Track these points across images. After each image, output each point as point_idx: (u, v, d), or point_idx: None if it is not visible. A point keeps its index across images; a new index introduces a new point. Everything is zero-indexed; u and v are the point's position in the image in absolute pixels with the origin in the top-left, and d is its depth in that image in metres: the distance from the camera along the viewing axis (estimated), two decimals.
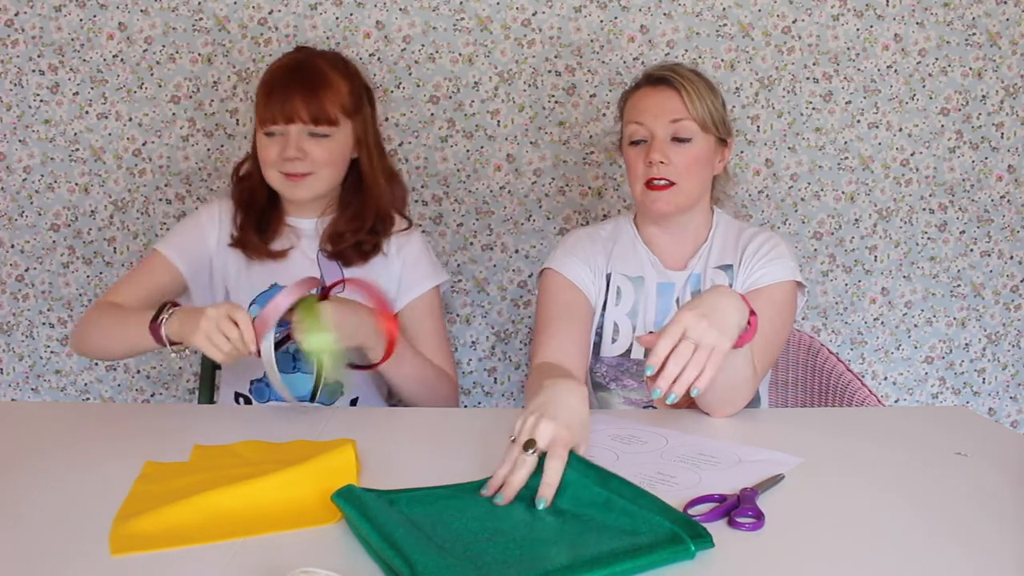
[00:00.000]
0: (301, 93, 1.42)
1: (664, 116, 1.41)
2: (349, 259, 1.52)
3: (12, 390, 2.17)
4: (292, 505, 0.91)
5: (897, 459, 1.09)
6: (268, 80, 1.47)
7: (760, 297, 1.38)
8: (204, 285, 1.54)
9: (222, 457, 1.08)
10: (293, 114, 1.42)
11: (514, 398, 2.22)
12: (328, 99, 1.44)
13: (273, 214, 1.54)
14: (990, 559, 0.82)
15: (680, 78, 1.42)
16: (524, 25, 2.06)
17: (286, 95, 1.42)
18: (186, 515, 0.88)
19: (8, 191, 2.09)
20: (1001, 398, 2.25)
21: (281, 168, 1.45)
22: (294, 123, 1.43)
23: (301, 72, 1.46)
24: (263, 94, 1.45)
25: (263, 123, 1.45)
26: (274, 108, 1.43)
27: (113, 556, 0.81)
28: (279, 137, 1.45)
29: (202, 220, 1.55)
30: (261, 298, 1.49)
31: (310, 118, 1.43)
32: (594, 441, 1.15)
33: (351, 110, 1.48)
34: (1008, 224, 2.18)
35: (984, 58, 2.10)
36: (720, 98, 1.46)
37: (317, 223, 1.54)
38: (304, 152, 1.43)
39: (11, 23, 2.03)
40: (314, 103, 1.43)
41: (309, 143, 1.44)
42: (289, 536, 0.86)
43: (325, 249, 1.52)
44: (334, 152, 1.47)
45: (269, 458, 1.07)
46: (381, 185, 1.54)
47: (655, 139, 1.41)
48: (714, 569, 0.81)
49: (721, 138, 1.46)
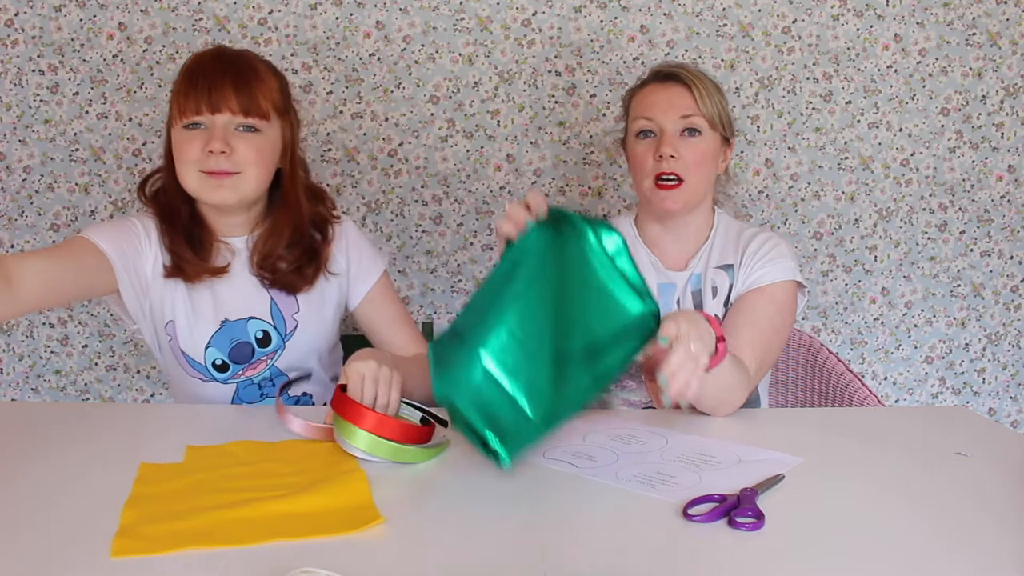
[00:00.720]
0: (232, 81, 1.29)
1: (674, 111, 1.41)
2: (295, 287, 1.40)
3: (12, 390, 2.17)
4: (304, 523, 0.89)
5: (897, 459, 1.09)
6: (191, 68, 1.31)
7: (761, 297, 1.38)
8: (137, 295, 1.37)
9: (216, 457, 1.08)
10: (221, 103, 1.27)
11: None
12: (260, 91, 1.31)
13: (202, 232, 1.38)
14: (990, 559, 0.82)
15: (690, 75, 1.43)
16: (524, 25, 2.06)
17: (213, 82, 1.28)
18: (192, 523, 0.88)
19: (8, 191, 2.09)
20: (1001, 398, 2.25)
21: (203, 166, 1.28)
22: (221, 113, 1.28)
23: (230, 61, 1.32)
24: (184, 82, 1.30)
25: (184, 114, 1.28)
26: (199, 96, 1.27)
27: (112, 558, 0.81)
28: (202, 131, 1.29)
29: (139, 232, 1.37)
30: (216, 338, 1.37)
31: (240, 108, 1.28)
32: (594, 441, 1.15)
33: (281, 109, 1.35)
34: (1008, 224, 2.18)
35: (984, 58, 2.10)
36: (725, 98, 1.47)
37: (248, 240, 1.40)
38: (230, 147, 1.28)
39: (11, 23, 2.03)
40: (245, 93, 1.29)
41: (236, 138, 1.29)
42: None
43: (264, 277, 1.39)
44: (263, 150, 1.32)
45: (263, 457, 1.07)
46: (301, 200, 1.40)
47: (665, 133, 1.41)
48: (714, 569, 0.81)
49: (725, 137, 1.46)
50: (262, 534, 0.85)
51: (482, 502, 0.97)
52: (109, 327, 2.15)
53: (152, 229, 1.38)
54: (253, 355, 1.39)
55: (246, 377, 1.40)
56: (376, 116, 2.09)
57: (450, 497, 0.98)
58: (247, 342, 1.39)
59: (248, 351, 1.39)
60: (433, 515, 0.93)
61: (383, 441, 1.05)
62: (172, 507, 0.92)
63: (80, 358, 2.16)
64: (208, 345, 1.37)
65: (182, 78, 1.31)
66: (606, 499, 0.96)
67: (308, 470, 1.03)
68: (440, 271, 2.16)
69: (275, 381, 1.41)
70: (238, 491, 0.96)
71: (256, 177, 1.32)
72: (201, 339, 1.37)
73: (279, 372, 1.42)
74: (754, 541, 0.86)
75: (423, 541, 0.86)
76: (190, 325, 1.37)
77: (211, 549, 0.82)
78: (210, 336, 1.37)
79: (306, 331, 1.42)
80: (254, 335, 1.39)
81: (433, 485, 1.01)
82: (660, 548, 0.84)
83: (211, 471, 1.03)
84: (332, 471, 1.02)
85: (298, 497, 0.93)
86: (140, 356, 2.17)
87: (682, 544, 0.85)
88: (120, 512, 0.91)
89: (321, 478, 0.99)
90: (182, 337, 1.37)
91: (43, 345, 2.15)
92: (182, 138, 1.30)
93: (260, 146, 1.31)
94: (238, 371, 1.39)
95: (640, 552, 0.83)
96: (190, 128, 1.29)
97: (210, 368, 1.38)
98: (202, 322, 1.37)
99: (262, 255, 1.38)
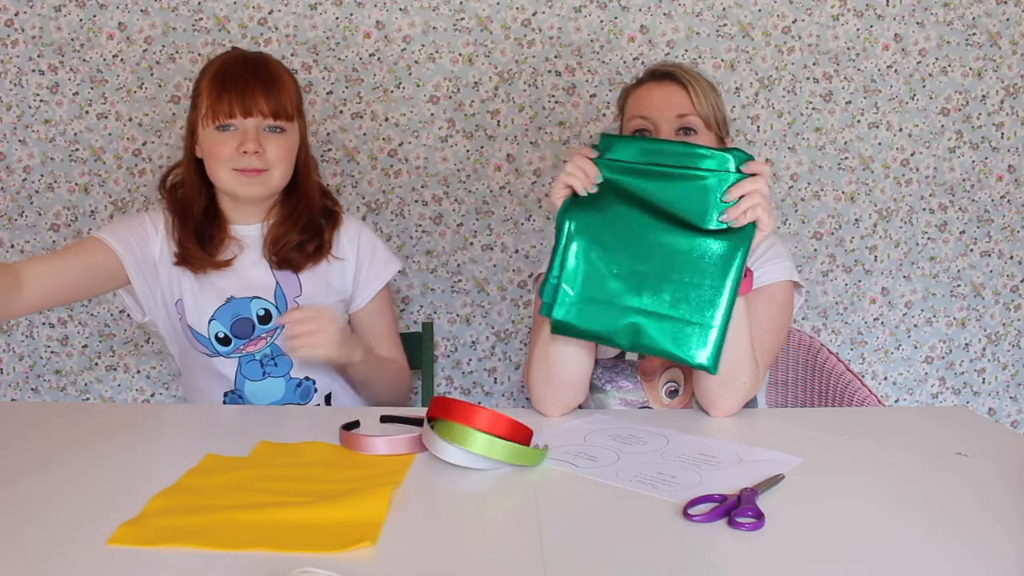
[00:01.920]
0: (261, 86, 1.40)
1: (670, 110, 1.41)
2: (297, 264, 1.50)
3: (12, 390, 2.17)
4: (301, 535, 0.88)
5: (897, 459, 1.09)
6: (221, 73, 1.42)
7: (759, 297, 1.38)
8: (148, 282, 1.47)
9: (278, 456, 1.09)
10: (253, 107, 1.39)
11: (514, 398, 2.22)
12: (284, 95, 1.43)
13: (214, 224, 1.49)
14: (990, 559, 0.82)
15: (686, 74, 1.43)
16: (524, 25, 2.06)
17: (245, 88, 1.39)
18: (198, 520, 0.88)
19: (8, 191, 2.09)
20: (1001, 398, 2.25)
21: (236, 164, 1.41)
22: (253, 116, 1.40)
23: (256, 66, 1.43)
24: (217, 87, 1.40)
25: (217, 117, 1.40)
26: (232, 101, 1.39)
27: (108, 544, 0.83)
28: (234, 132, 1.41)
29: (146, 224, 1.48)
30: (220, 312, 1.47)
31: (270, 111, 1.41)
32: (595, 441, 1.15)
33: (299, 110, 1.48)
34: (1008, 224, 2.18)
35: (984, 58, 2.11)
36: (720, 98, 1.47)
37: (262, 227, 1.51)
38: (261, 147, 1.41)
39: (11, 23, 2.03)
40: (274, 97, 1.41)
41: (265, 138, 1.42)
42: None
43: (271, 259, 1.49)
44: (288, 149, 1.45)
45: (321, 460, 1.08)
46: (314, 191, 1.52)
47: (660, 132, 1.41)
48: (714, 569, 0.81)
49: (721, 137, 1.46)
50: (255, 541, 0.84)
51: (482, 502, 0.97)
52: (109, 327, 2.15)
53: (160, 222, 1.49)
54: (254, 331, 1.48)
55: (247, 352, 1.48)
56: (376, 116, 2.09)
57: (451, 497, 0.98)
58: (248, 318, 1.48)
59: (249, 327, 1.48)
60: (433, 515, 0.93)
61: (500, 441, 1.01)
62: (196, 501, 0.93)
63: (80, 358, 2.16)
64: (212, 318, 1.47)
65: (213, 82, 1.41)
66: (607, 499, 0.96)
67: (349, 479, 1.01)
68: (440, 271, 2.16)
69: (276, 360, 1.49)
70: (263, 492, 0.96)
71: (283, 173, 1.45)
72: (206, 313, 1.47)
73: (280, 351, 1.49)
74: (754, 541, 0.86)
75: (423, 541, 0.86)
76: (196, 301, 1.47)
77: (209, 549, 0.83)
78: (214, 310, 1.47)
79: None
80: (256, 312, 1.48)
81: (433, 485, 1.01)
82: (660, 548, 0.84)
83: (260, 469, 1.04)
84: (369, 483, 0.99)
85: (313, 506, 0.92)
86: (140, 356, 2.17)
87: (682, 544, 0.85)
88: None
89: (351, 488, 0.97)
90: (189, 313, 1.47)
91: (43, 345, 2.15)
92: (215, 139, 1.41)
93: (286, 144, 1.44)
94: (240, 345, 1.48)
95: (641, 552, 0.83)
96: (222, 130, 1.40)
97: (213, 341, 1.47)
98: (208, 297, 1.47)
99: (275, 238, 1.48)
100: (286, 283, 1.50)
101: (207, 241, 1.47)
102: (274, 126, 1.42)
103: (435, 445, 1.05)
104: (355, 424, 1.19)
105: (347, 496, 0.94)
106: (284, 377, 1.50)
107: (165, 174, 1.51)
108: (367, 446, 1.10)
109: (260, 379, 1.49)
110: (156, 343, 2.16)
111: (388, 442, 1.10)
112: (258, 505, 0.92)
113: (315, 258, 1.51)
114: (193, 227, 1.46)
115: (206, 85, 1.42)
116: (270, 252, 1.49)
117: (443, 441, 1.03)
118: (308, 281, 1.51)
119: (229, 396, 1.50)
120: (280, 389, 1.50)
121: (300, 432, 1.19)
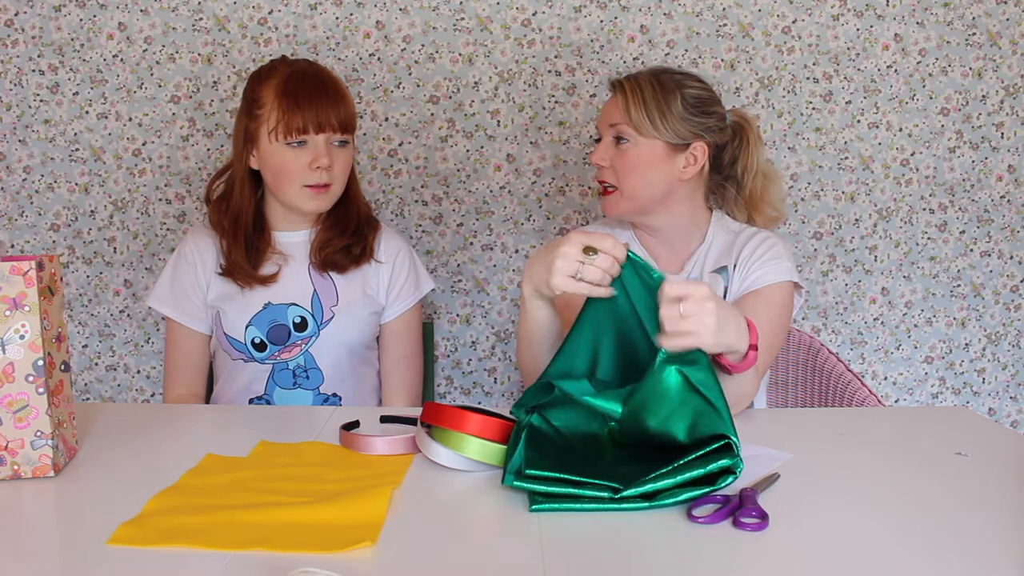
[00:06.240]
0: (331, 102, 1.40)
1: (606, 120, 1.44)
2: (341, 266, 1.51)
3: None
4: (301, 535, 0.87)
5: (897, 459, 1.09)
6: (290, 89, 1.40)
7: (758, 298, 1.38)
8: (208, 316, 1.53)
9: (278, 456, 1.09)
10: (325, 123, 1.39)
11: (514, 398, 2.22)
12: (350, 107, 1.45)
13: (260, 240, 1.50)
14: (990, 559, 0.82)
15: (626, 82, 1.42)
16: (524, 25, 2.06)
17: (317, 103, 1.39)
18: (198, 520, 0.88)
19: (8, 191, 2.09)
20: (1001, 398, 2.26)
21: (307, 180, 1.41)
22: (324, 132, 1.40)
23: (323, 80, 1.43)
24: (288, 101, 1.39)
25: (291, 132, 1.39)
26: (306, 117, 1.38)
27: (108, 544, 0.82)
28: (307, 148, 1.41)
29: (190, 260, 1.51)
30: (257, 318, 1.48)
31: (340, 126, 1.41)
32: None
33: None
34: (1008, 224, 2.19)
35: (984, 58, 2.11)
36: (678, 102, 1.40)
37: (310, 233, 1.53)
38: (332, 162, 1.42)
39: (11, 23, 2.03)
40: (343, 111, 1.42)
41: (333, 152, 1.43)
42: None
43: (316, 263, 1.50)
44: (350, 160, 1.47)
45: (322, 460, 1.08)
46: (360, 194, 1.55)
47: (600, 142, 1.45)
48: (723, 570, 0.81)
49: (684, 143, 1.41)
50: (255, 541, 0.84)
51: (482, 502, 0.97)
52: (109, 327, 2.15)
53: (203, 246, 1.51)
54: (289, 337, 1.49)
55: (281, 360, 1.49)
56: (376, 116, 2.09)
57: (451, 497, 0.98)
58: (284, 324, 1.49)
59: (285, 333, 1.48)
60: (433, 515, 0.93)
61: (492, 445, 1.03)
62: (196, 501, 0.93)
63: (80, 358, 2.16)
64: (249, 324, 1.48)
65: (283, 97, 1.39)
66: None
67: (349, 479, 1.01)
68: (440, 271, 2.16)
69: (308, 372, 1.50)
70: (263, 492, 0.96)
71: (343, 185, 1.48)
72: (244, 319, 1.48)
73: (313, 363, 1.49)
74: (759, 541, 0.86)
75: (423, 541, 0.86)
76: (235, 308, 1.49)
77: (209, 549, 0.82)
78: (252, 316, 1.48)
79: (339, 323, 1.50)
80: (292, 319, 1.49)
81: (433, 485, 1.01)
82: (664, 549, 0.84)
83: (260, 469, 1.04)
84: (369, 483, 0.99)
85: (313, 506, 0.92)
86: (140, 356, 2.17)
87: (688, 545, 0.85)
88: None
89: (351, 488, 0.97)
90: (226, 320, 1.49)
91: None
92: (286, 156, 1.41)
93: (349, 157, 1.47)
94: (275, 352, 1.49)
95: (644, 553, 0.83)
96: (294, 146, 1.40)
97: (249, 347, 1.48)
98: (247, 304, 1.49)
99: (323, 242, 1.50)
100: (323, 290, 1.50)
101: (254, 254, 1.48)
102: (342, 140, 1.43)
103: (430, 449, 1.05)
104: (355, 424, 1.19)
105: (347, 496, 0.94)
106: (314, 391, 1.51)
107: (210, 185, 1.52)
108: (367, 446, 1.10)
109: (290, 388, 1.50)
110: (156, 343, 2.16)
111: (388, 442, 1.10)
112: (258, 505, 0.92)
113: (359, 261, 1.52)
114: (243, 239, 1.47)
115: (274, 98, 1.40)
116: (317, 256, 1.49)
117: (438, 445, 1.04)
118: (344, 290, 1.52)
119: (256, 401, 1.51)
120: (307, 402, 1.50)
121: (300, 432, 1.19)
